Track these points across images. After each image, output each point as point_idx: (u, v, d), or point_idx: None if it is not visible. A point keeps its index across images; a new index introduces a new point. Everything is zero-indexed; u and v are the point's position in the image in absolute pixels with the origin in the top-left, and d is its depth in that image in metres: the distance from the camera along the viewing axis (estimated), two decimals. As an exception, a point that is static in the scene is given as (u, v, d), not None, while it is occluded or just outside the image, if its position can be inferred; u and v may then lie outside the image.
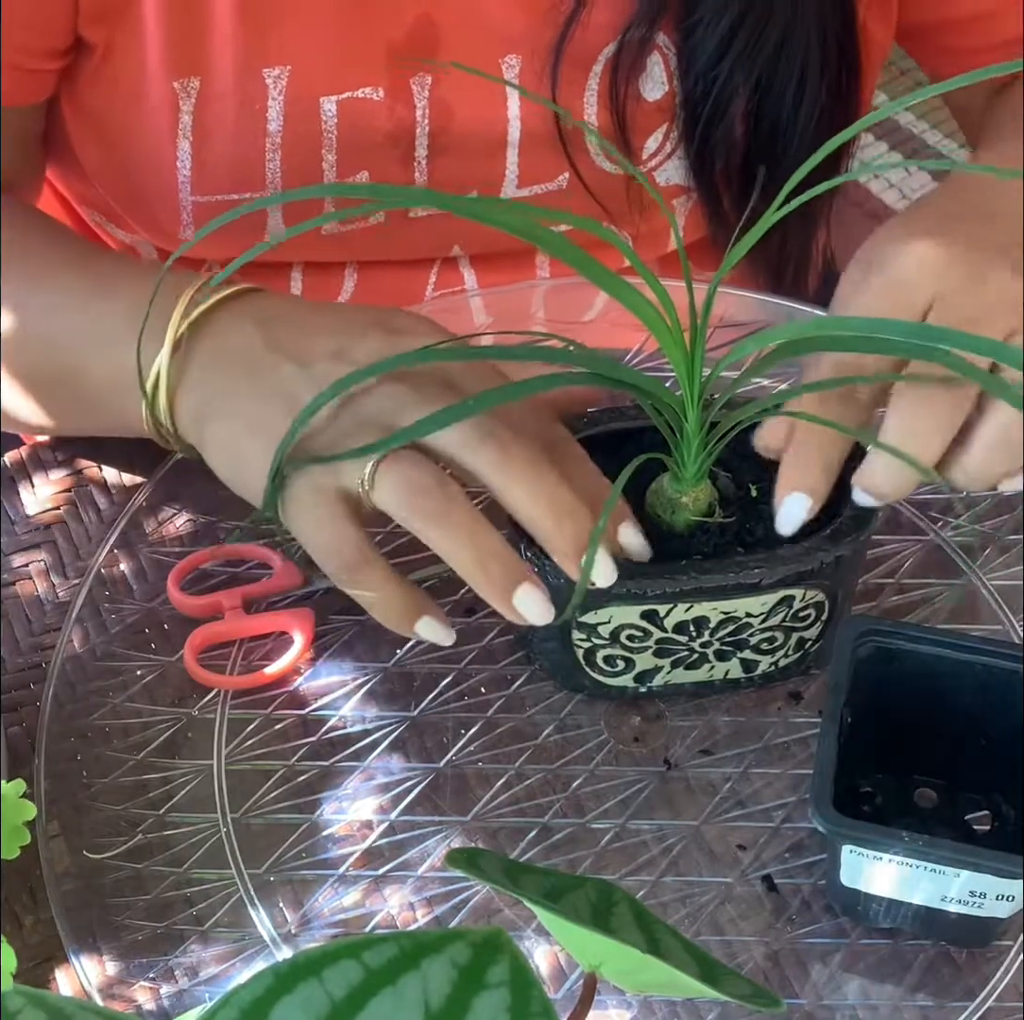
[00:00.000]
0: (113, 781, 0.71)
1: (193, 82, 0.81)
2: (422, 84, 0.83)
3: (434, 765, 0.72)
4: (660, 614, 0.68)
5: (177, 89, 0.81)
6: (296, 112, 0.82)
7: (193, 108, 0.81)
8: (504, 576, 0.64)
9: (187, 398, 0.71)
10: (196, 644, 0.75)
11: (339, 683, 0.74)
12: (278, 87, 0.81)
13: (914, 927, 0.66)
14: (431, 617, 0.67)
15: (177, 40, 0.79)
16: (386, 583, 0.66)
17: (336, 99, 0.82)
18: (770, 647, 0.71)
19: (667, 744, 0.72)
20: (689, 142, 0.86)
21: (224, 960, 0.67)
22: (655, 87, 0.85)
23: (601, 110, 0.85)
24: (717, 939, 0.67)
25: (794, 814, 0.70)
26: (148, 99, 0.81)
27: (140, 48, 0.80)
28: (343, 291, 0.93)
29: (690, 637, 0.69)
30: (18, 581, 0.79)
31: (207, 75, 0.81)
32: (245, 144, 0.83)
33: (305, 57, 0.81)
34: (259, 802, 0.71)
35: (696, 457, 0.66)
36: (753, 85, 0.83)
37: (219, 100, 0.81)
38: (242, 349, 0.70)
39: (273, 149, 0.83)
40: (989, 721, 0.66)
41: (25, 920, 0.68)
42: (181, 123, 0.82)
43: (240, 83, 0.81)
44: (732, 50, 0.81)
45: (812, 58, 0.82)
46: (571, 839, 0.70)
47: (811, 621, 0.70)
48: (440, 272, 0.94)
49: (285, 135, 0.82)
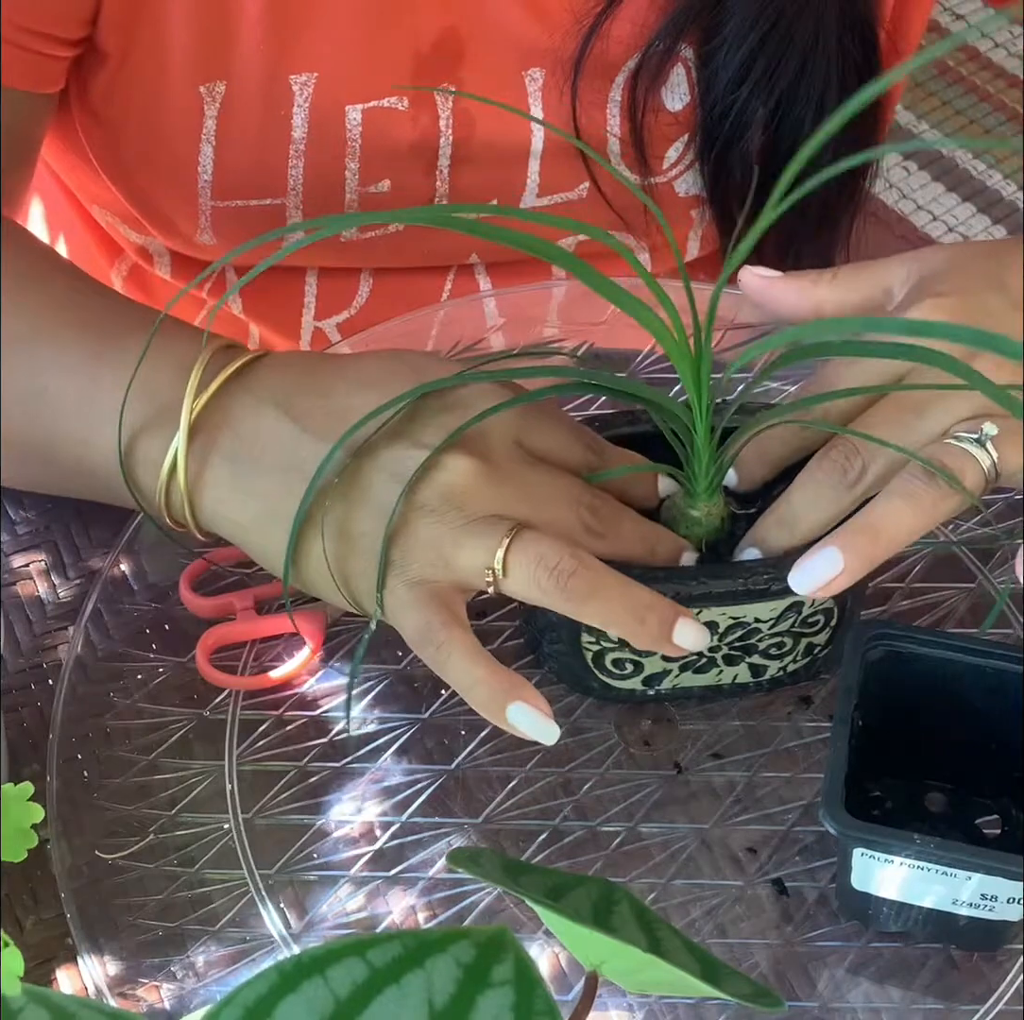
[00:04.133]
0: (124, 781, 0.72)
1: (219, 86, 0.81)
2: (446, 95, 0.83)
3: (445, 767, 0.72)
4: None
5: (203, 94, 0.81)
6: (321, 119, 0.82)
7: (218, 113, 0.81)
8: (661, 622, 0.63)
9: (210, 493, 0.67)
10: (208, 645, 0.75)
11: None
12: (304, 94, 0.81)
13: (924, 931, 0.66)
14: (526, 704, 0.61)
15: (204, 45, 0.79)
16: (472, 664, 0.62)
17: (361, 107, 0.82)
18: (779, 652, 0.71)
19: (677, 748, 0.72)
20: (706, 162, 0.86)
21: (234, 960, 0.67)
22: (677, 98, 0.85)
23: (623, 121, 0.85)
24: (726, 942, 0.67)
25: (804, 818, 0.70)
26: (171, 105, 0.81)
27: (162, 54, 0.80)
28: (358, 296, 0.93)
29: None
30: (18, 581, 0.79)
31: (233, 80, 0.81)
32: (268, 150, 0.83)
33: (332, 64, 0.81)
34: (270, 803, 0.71)
35: (707, 470, 0.66)
36: (772, 108, 0.83)
37: (245, 105, 0.81)
38: (266, 438, 0.66)
39: (296, 155, 0.83)
40: (999, 725, 0.66)
41: (26, 921, 0.68)
42: (205, 128, 0.82)
43: (266, 88, 0.81)
44: (752, 75, 0.82)
45: (832, 83, 0.82)
46: (581, 842, 0.70)
47: (820, 627, 0.70)
48: (456, 279, 0.94)
49: (309, 142, 0.82)
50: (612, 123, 0.85)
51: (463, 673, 0.62)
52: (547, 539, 0.63)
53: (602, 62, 0.83)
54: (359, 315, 0.94)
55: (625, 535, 0.66)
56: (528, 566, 0.62)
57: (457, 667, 0.62)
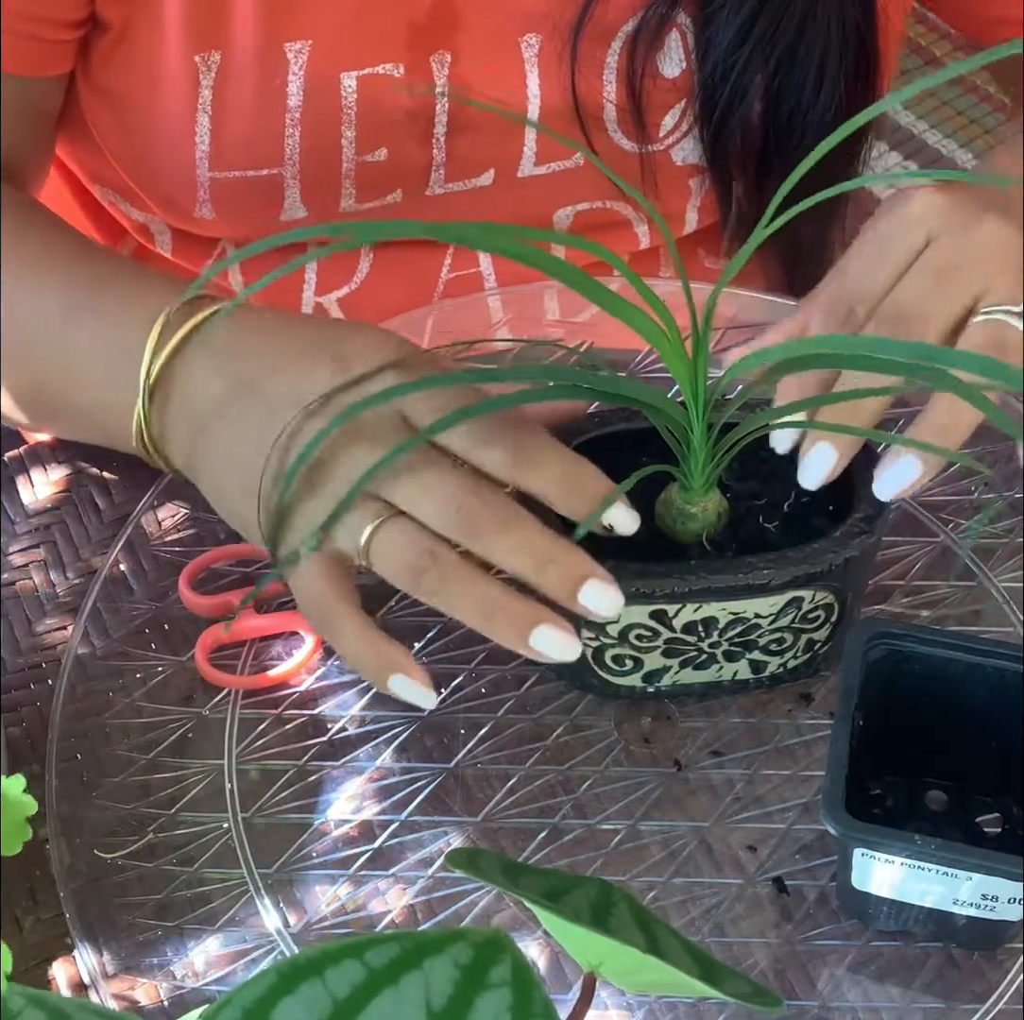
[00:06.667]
0: (123, 780, 0.71)
1: (214, 56, 0.81)
2: (442, 62, 0.83)
3: (444, 766, 0.72)
4: (669, 614, 0.68)
5: (198, 63, 0.81)
6: (316, 87, 0.82)
7: (213, 83, 0.81)
8: (515, 621, 0.62)
9: (170, 448, 0.72)
10: (207, 644, 0.75)
11: (349, 683, 0.74)
12: (299, 62, 0.81)
13: (924, 930, 0.66)
14: (406, 676, 0.63)
15: (199, 15, 0.80)
16: (355, 639, 0.65)
17: (356, 75, 0.82)
18: (779, 648, 0.71)
19: (677, 745, 0.72)
20: (705, 126, 0.86)
21: (233, 960, 0.67)
22: (673, 64, 0.85)
23: (619, 87, 0.85)
24: (726, 941, 0.67)
25: (804, 816, 0.70)
26: (167, 75, 0.82)
27: (160, 24, 0.80)
28: (358, 271, 0.93)
29: (699, 637, 0.69)
30: (18, 580, 0.79)
31: (228, 49, 0.81)
32: (264, 119, 0.83)
33: (326, 32, 0.81)
34: (269, 802, 0.71)
35: (703, 468, 0.66)
36: (772, 71, 0.83)
37: (240, 74, 0.81)
38: (210, 398, 0.70)
39: (292, 124, 0.83)
40: (999, 723, 0.66)
41: (25, 921, 0.68)
42: (201, 98, 0.82)
43: (261, 57, 0.81)
44: (751, 37, 0.81)
45: (832, 45, 0.82)
46: (580, 840, 0.70)
47: (820, 623, 0.70)
48: (455, 254, 0.93)
49: (305, 110, 0.82)
50: (609, 89, 0.85)
51: (350, 650, 0.64)
52: (407, 534, 0.63)
53: (599, 27, 0.82)
54: (360, 290, 0.94)
55: (502, 545, 0.64)
56: (386, 560, 0.64)
57: (345, 644, 0.65)
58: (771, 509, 0.71)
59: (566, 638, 0.62)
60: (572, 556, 0.62)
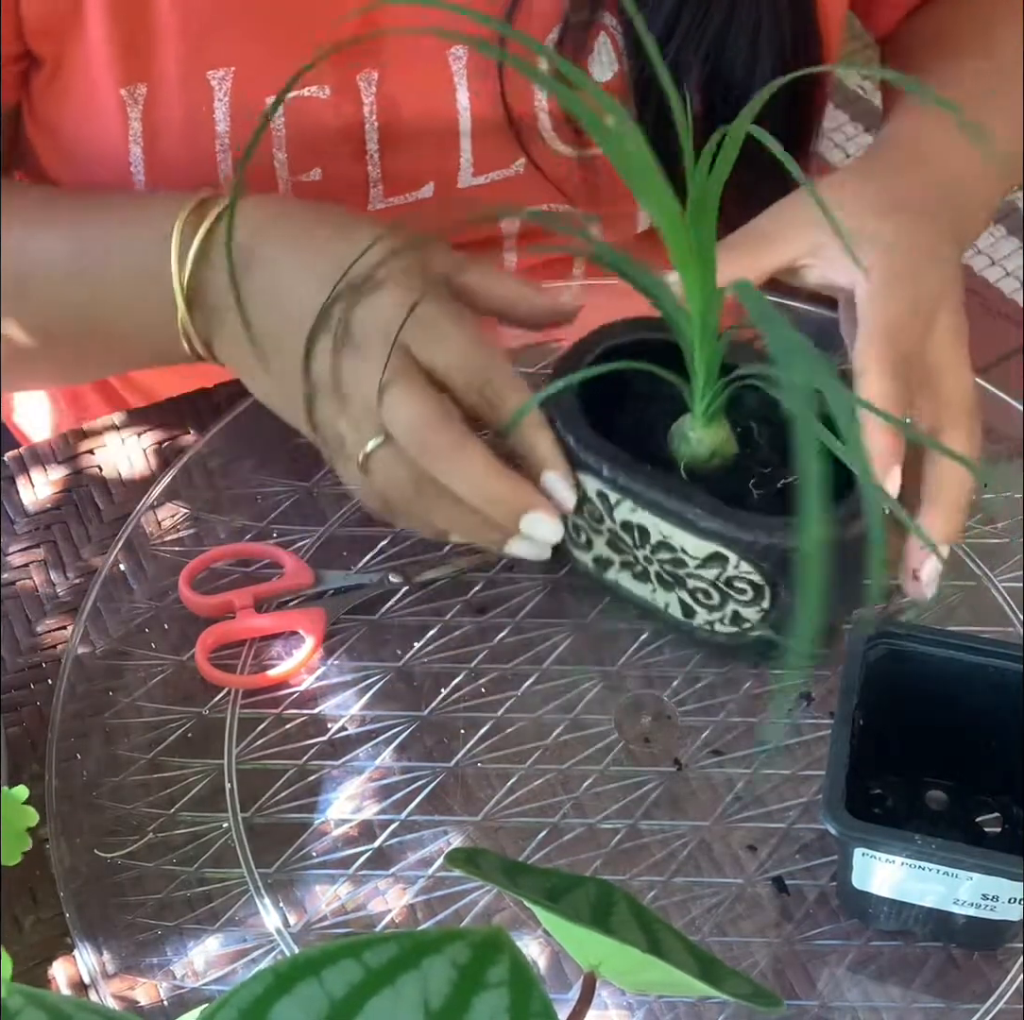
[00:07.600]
0: (123, 780, 0.71)
1: (140, 88, 0.81)
2: (369, 80, 0.83)
3: (444, 765, 0.72)
4: (611, 501, 0.69)
5: (124, 96, 0.81)
6: (242, 113, 0.82)
7: (141, 114, 0.82)
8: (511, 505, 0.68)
9: (220, 348, 0.75)
10: (207, 643, 0.75)
11: (350, 683, 0.74)
12: (223, 88, 0.82)
13: (924, 930, 0.66)
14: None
15: (122, 48, 0.80)
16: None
17: None
18: (707, 602, 0.71)
19: (677, 744, 0.72)
20: (643, 122, 0.85)
21: (233, 959, 0.67)
22: (604, 68, 0.85)
23: (550, 95, 0.84)
24: (726, 940, 0.67)
25: (804, 816, 0.70)
26: (98, 108, 0.82)
27: (87, 58, 0.80)
28: None
29: (634, 542, 0.70)
30: (18, 580, 0.79)
31: (153, 81, 0.81)
32: (195, 146, 0.83)
33: (248, 58, 0.81)
34: (269, 801, 0.71)
35: (703, 392, 0.67)
36: (703, 59, 0.82)
37: (166, 104, 0.82)
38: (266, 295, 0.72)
39: (223, 150, 0.83)
40: (999, 723, 0.66)
41: (25, 921, 0.68)
42: (131, 130, 0.82)
43: (185, 86, 0.81)
44: (679, 27, 0.81)
45: (764, 26, 0.82)
46: (581, 839, 0.70)
47: (748, 599, 0.69)
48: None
49: (233, 135, 0.83)
50: (540, 98, 0.85)
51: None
52: (397, 466, 0.68)
53: None
54: None
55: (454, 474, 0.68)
56: (375, 483, 0.69)
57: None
58: (770, 480, 0.71)
59: (551, 521, 0.68)
60: (516, 490, 0.68)
